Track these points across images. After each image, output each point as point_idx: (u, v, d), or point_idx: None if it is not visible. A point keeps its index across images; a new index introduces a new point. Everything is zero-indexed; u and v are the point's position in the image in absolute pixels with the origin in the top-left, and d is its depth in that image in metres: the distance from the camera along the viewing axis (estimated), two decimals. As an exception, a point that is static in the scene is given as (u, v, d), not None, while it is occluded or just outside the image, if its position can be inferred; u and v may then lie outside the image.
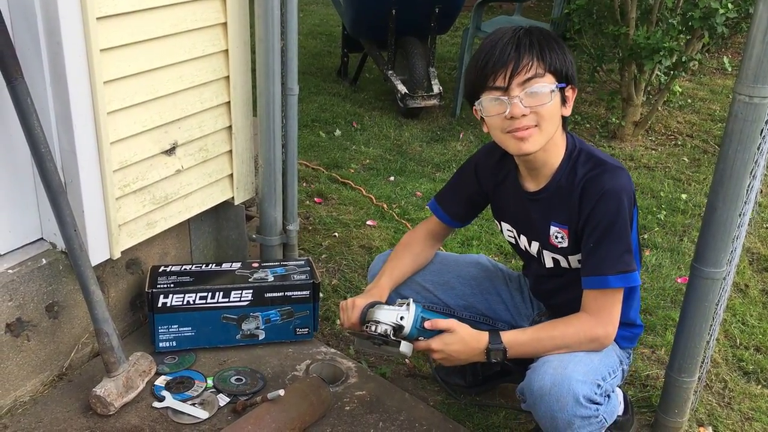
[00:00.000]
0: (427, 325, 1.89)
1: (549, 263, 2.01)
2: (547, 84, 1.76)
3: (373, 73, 5.79)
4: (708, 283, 2.00)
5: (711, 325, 2.12)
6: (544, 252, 2.00)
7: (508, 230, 2.10)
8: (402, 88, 4.79)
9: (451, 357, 1.89)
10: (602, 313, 1.82)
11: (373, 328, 1.89)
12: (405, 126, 4.82)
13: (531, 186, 1.95)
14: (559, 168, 1.88)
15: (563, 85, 1.79)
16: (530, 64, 1.75)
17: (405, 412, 2.22)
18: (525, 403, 1.86)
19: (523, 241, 2.06)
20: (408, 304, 1.92)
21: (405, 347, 1.88)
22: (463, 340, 1.87)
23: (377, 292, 2.06)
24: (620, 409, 2.10)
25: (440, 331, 1.89)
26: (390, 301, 2.02)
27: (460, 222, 2.20)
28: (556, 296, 2.10)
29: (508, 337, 1.85)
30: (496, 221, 2.14)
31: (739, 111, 1.83)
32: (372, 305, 1.95)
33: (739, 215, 1.96)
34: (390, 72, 4.97)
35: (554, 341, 1.83)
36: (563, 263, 1.97)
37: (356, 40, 5.37)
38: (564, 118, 1.85)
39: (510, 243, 2.14)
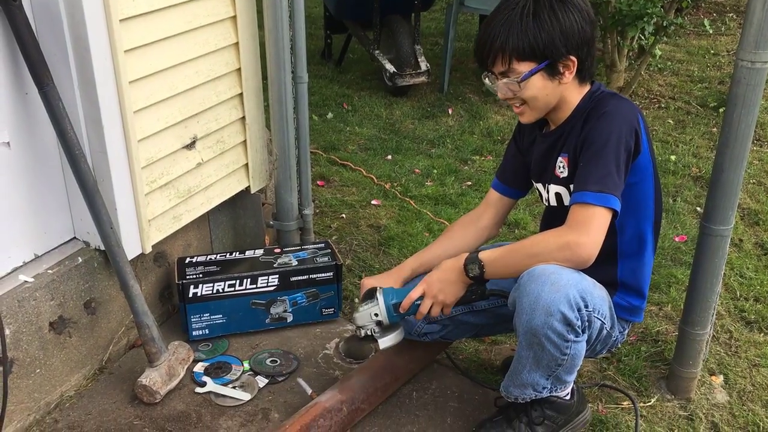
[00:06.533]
0: (402, 309, 1.96)
1: (552, 201, 2.03)
2: (513, 78, 1.84)
3: (356, 54, 5.84)
4: (717, 240, 2.12)
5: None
6: (549, 186, 2.02)
7: (538, 188, 2.12)
8: (390, 67, 4.85)
9: (439, 291, 1.93)
10: (578, 224, 1.78)
11: (362, 333, 2.01)
12: (395, 104, 4.89)
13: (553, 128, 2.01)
14: (577, 108, 1.92)
15: (539, 68, 1.82)
16: (499, 58, 1.84)
17: (436, 381, 2.33)
18: (516, 290, 1.83)
19: (542, 190, 2.08)
20: (377, 298, 1.99)
21: (384, 342, 1.99)
22: (439, 266, 1.94)
23: (395, 273, 2.16)
24: (566, 392, 2.02)
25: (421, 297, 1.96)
26: (414, 284, 2.05)
27: (513, 187, 2.18)
28: None
29: (483, 253, 1.90)
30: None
31: (742, 76, 1.94)
32: (370, 293, 2.03)
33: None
34: (377, 51, 5.03)
35: (525, 249, 1.84)
36: (566, 199, 1.97)
37: (339, 21, 5.41)
38: (582, 71, 1.87)
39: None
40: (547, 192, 2.04)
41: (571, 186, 1.91)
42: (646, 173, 1.93)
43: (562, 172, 1.96)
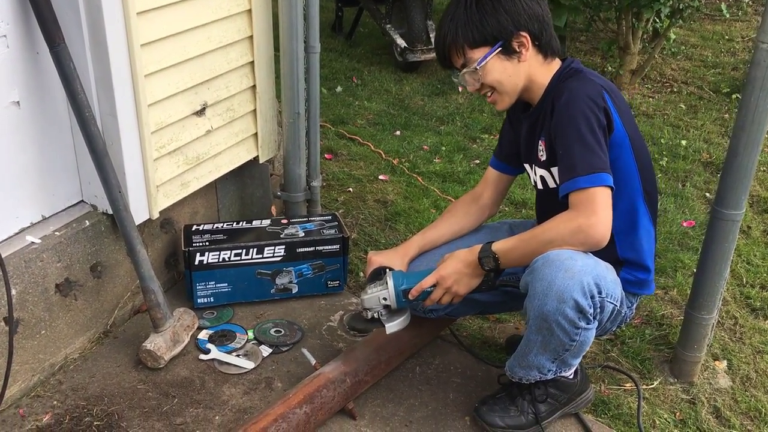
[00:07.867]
0: (411, 296, 1.95)
1: (539, 184, 2.03)
2: (470, 68, 1.88)
3: (367, 28, 5.79)
4: (728, 224, 2.11)
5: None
6: (536, 169, 2.02)
7: (527, 169, 2.12)
8: (401, 42, 4.81)
9: (453, 283, 1.92)
10: (583, 206, 1.76)
11: (369, 315, 2.01)
12: (405, 80, 4.85)
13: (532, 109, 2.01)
14: (548, 87, 1.93)
15: (492, 51, 1.85)
16: (454, 52, 1.90)
17: (439, 356, 2.33)
18: (529, 274, 1.81)
19: (530, 172, 2.09)
20: (386, 282, 1.99)
21: (392, 327, 1.99)
22: (452, 256, 1.93)
23: (402, 250, 2.15)
24: (570, 372, 2.05)
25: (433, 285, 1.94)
26: (420, 266, 2.08)
27: (509, 164, 2.19)
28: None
29: (496, 244, 1.88)
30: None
31: (762, 59, 1.91)
32: (377, 272, 2.04)
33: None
34: (388, 26, 4.99)
35: (538, 238, 1.82)
36: (550, 182, 1.98)
37: (351, -6, 5.36)
38: (541, 47, 1.89)
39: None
40: (535, 174, 2.05)
41: (552, 169, 1.94)
42: (623, 148, 1.91)
43: (542, 155, 1.97)
